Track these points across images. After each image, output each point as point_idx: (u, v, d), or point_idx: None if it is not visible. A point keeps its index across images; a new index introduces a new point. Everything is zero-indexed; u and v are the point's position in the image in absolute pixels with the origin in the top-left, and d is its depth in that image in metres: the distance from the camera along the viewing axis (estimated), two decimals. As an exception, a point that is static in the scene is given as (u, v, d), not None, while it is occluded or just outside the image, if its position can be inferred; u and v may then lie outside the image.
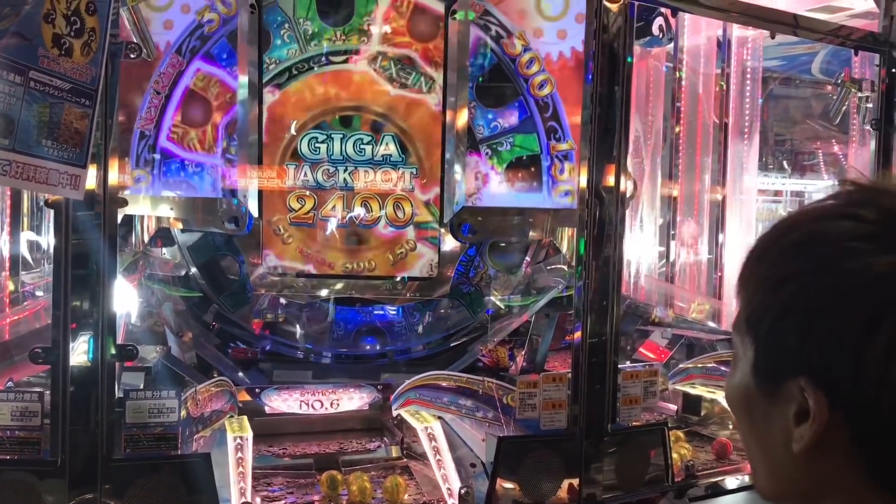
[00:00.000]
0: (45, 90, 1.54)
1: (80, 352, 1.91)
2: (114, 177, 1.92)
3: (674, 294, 4.67)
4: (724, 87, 4.51)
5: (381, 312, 3.71)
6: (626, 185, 2.37)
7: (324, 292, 3.55)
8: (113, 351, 1.93)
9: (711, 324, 4.35)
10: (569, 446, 2.29)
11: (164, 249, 3.68)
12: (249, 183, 3.37)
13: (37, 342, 2.11)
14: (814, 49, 6.23)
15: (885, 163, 2.91)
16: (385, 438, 2.76)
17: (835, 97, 3.24)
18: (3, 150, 1.47)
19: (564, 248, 3.60)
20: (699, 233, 4.69)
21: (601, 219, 2.30)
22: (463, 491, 2.19)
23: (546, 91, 3.42)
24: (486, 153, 3.44)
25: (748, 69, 4.65)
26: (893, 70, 2.85)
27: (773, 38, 2.85)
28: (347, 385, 2.76)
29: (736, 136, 4.62)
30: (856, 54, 3.14)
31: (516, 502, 2.27)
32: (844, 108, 3.17)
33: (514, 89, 3.43)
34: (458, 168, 3.37)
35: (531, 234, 3.49)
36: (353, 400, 2.71)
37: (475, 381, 2.47)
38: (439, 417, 2.52)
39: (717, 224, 4.69)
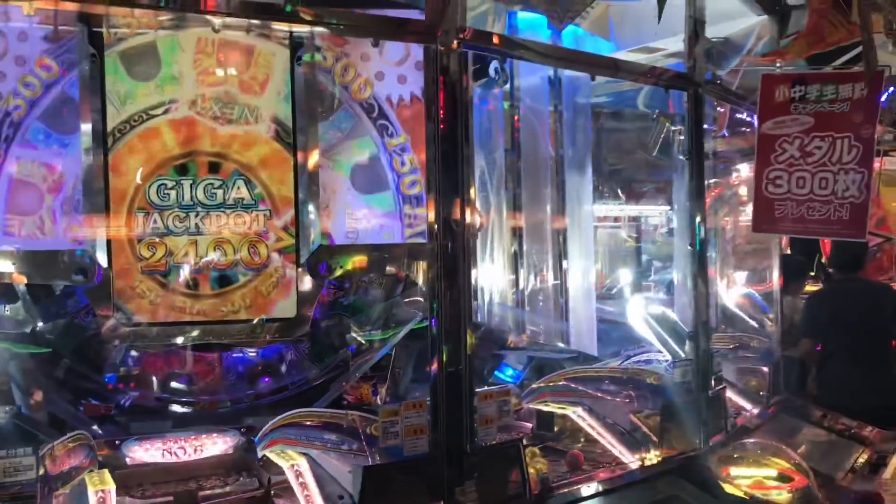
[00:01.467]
0: None
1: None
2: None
3: (525, 319, 4.91)
4: (558, 122, 4.82)
5: (241, 355, 3.70)
6: (474, 218, 2.53)
7: (179, 340, 3.52)
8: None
9: (560, 344, 4.61)
10: (432, 469, 2.40)
11: (7, 306, 3.54)
12: (97, 233, 3.32)
13: None
14: (638, 85, 6.75)
15: (699, 188, 3.24)
16: (243, 473, 2.77)
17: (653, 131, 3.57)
18: None
19: (420, 281, 3.75)
20: (545, 260, 4.97)
21: (451, 252, 2.45)
22: (332, 523, 2.25)
23: (367, 93, 3.56)
24: (329, 165, 3.54)
25: (581, 105, 5.00)
26: (699, 105, 3.19)
27: (593, 79, 3.12)
28: (210, 431, 2.76)
29: (572, 168, 4.94)
30: (666, 92, 3.48)
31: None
32: (661, 139, 3.50)
33: (339, 99, 3.55)
34: (311, 208, 3.46)
35: (388, 269, 3.62)
36: (216, 444, 2.72)
37: (339, 415, 2.54)
38: (305, 454, 2.57)
39: (560, 251, 4.98)
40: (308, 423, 2.59)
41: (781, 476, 3.15)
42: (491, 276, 4.88)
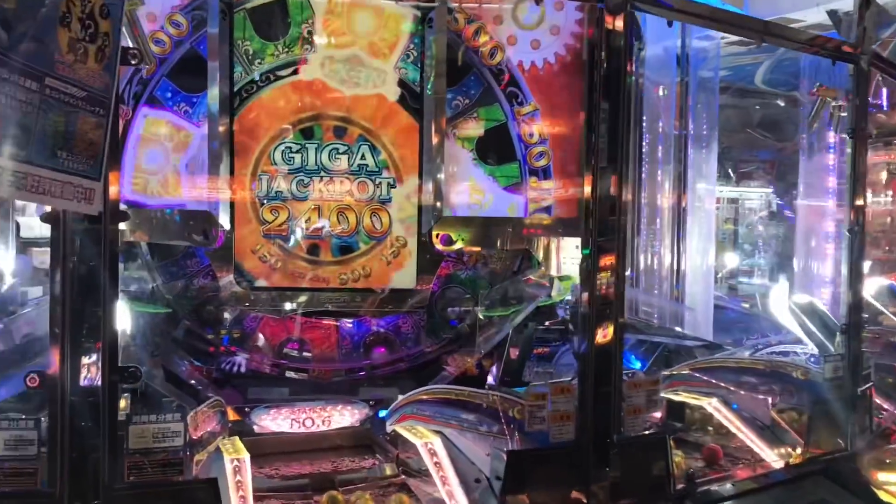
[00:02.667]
0: (60, 98, 1.44)
1: (79, 375, 1.80)
2: (114, 190, 1.82)
3: (639, 300, 4.71)
4: (683, 96, 4.58)
5: (357, 325, 3.63)
6: (626, 194, 2.37)
7: (297, 306, 3.47)
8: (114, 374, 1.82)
9: (678, 329, 4.40)
10: (576, 458, 2.27)
11: (128, 265, 3.53)
12: (220, 195, 3.27)
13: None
14: (758, 60, 6.41)
15: (861, 169, 2.99)
16: (378, 456, 2.69)
17: (812, 107, 3.32)
18: (19, 162, 1.37)
19: (541, 257, 3.60)
20: (661, 239, 4.75)
21: (604, 228, 2.29)
22: (474, 507, 2.14)
23: (498, 58, 3.40)
24: (455, 133, 3.41)
25: (706, 79, 4.74)
26: (865, 79, 2.93)
27: (758, 46, 2.89)
28: (338, 401, 2.69)
29: (696, 145, 4.70)
30: (833, 64, 3.22)
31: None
32: (820, 115, 3.26)
33: (466, 64, 3.40)
34: (435, 177, 3.34)
35: (510, 243, 3.48)
36: (344, 417, 2.64)
37: (479, 395, 2.42)
38: (438, 432, 2.47)
39: (678, 230, 4.75)
40: (443, 397, 2.48)
41: (939, 485, 2.92)
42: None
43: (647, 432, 2.43)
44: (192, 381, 3.36)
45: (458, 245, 3.44)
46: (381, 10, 3.36)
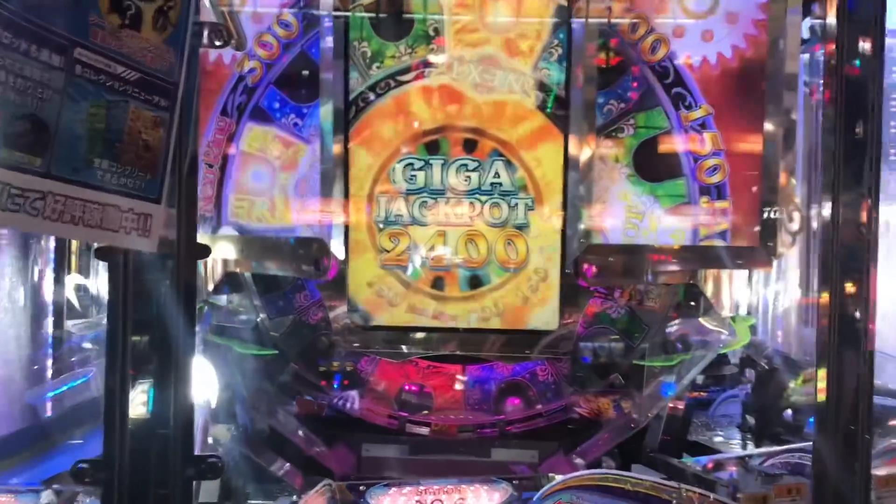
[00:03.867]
0: (98, 80, 0.97)
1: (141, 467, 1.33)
2: (193, 213, 1.35)
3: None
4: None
5: (487, 371, 3.10)
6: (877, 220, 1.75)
7: (419, 348, 2.97)
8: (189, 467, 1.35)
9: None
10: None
11: (230, 298, 3.13)
12: (333, 219, 2.83)
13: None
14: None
15: None
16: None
17: None
18: (32, 174, 0.90)
19: (709, 293, 2.97)
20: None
21: (851, 261, 1.68)
22: None
23: (661, 53, 2.80)
24: (608, 144, 2.83)
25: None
26: None
27: None
28: (474, 481, 2.15)
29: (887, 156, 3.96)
30: None
31: None
32: None
33: (626, 62, 2.81)
34: (582, 197, 2.78)
35: (674, 276, 2.88)
36: (481, 499, 2.10)
37: (664, 487, 1.83)
38: (605, 529, 1.90)
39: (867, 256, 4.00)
40: (613, 488, 1.90)
41: None
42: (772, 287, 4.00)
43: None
44: (299, 435, 2.91)
45: (610, 279, 2.87)
46: (520, 1, 2.85)
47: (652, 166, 2.84)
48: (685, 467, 2.35)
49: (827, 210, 1.78)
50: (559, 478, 1.99)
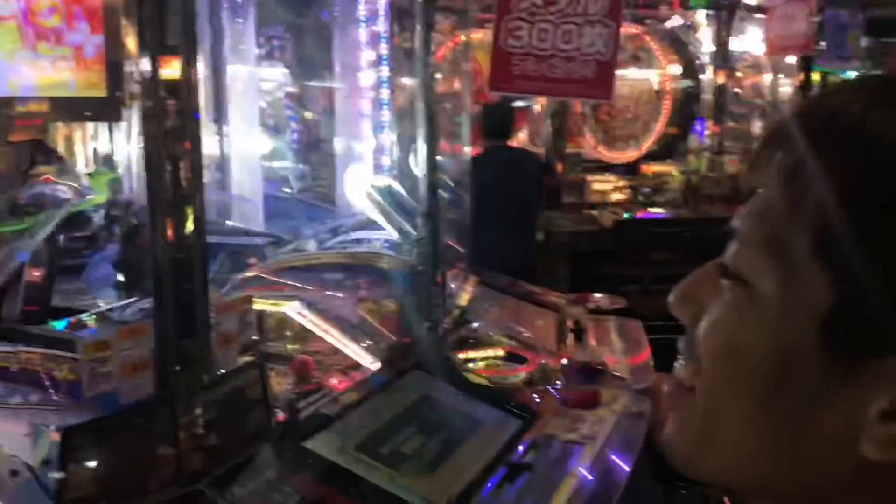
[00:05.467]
0: None
1: None
2: None
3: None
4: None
5: None
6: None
7: None
8: None
9: (230, 223, 3.92)
10: (161, 415, 1.70)
11: None
12: None
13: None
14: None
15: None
16: None
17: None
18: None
19: (62, 148, 2.78)
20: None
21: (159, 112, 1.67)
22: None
23: None
24: None
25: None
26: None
27: None
28: None
29: (231, 15, 4.13)
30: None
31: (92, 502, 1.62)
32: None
33: None
34: None
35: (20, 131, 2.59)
36: None
37: (2, 355, 1.67)
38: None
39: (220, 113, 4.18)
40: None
41: (512, 355, 2.98)
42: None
43: (241, 361, 1.94)
44: None
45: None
46: None
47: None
48: (43, 332, 2.21)
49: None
50: None
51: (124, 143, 3.79)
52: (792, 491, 0.60)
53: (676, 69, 7.71)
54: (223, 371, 1.86)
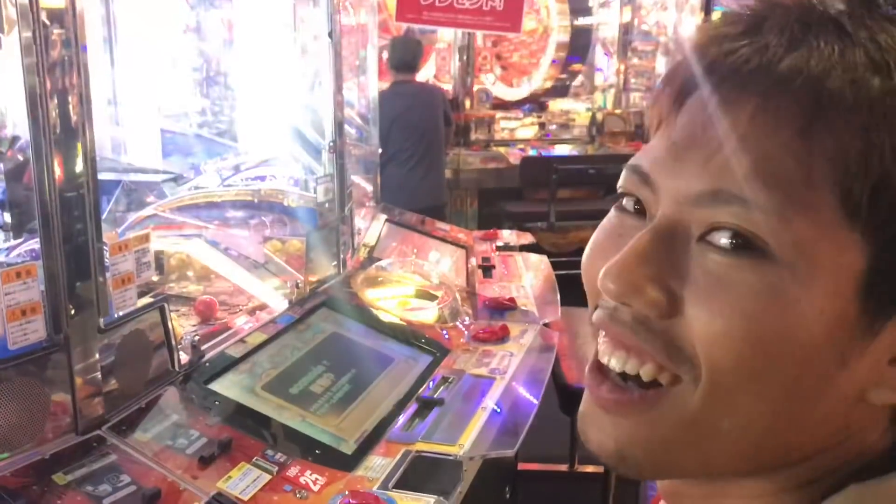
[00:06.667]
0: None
1: None
2: None
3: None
4: None
5: None
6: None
7: None
8: None
9: (124, 160, 3.73)
10: (54, 361, 1.62)
11: None
12: None
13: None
14: None
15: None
16: None
17: None
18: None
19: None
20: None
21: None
22: None
23: None
24: None
25: None
26: None
27: None
28: None
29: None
30: None
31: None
32: None
33: None
34: None
35: None
36: None
37: None
38: None
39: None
40: None
41: (421, 293, 2.97)
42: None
43: (139, 304, 1.87)
44: None
45: None
46: None
47: None
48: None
49: None
50: None
51: (6, 75, 3.55)
52: (780, 461, 0.56)
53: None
54: (120, 313, 1.78)
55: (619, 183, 0.61)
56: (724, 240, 0.52)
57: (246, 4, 4.46)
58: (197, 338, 2.06)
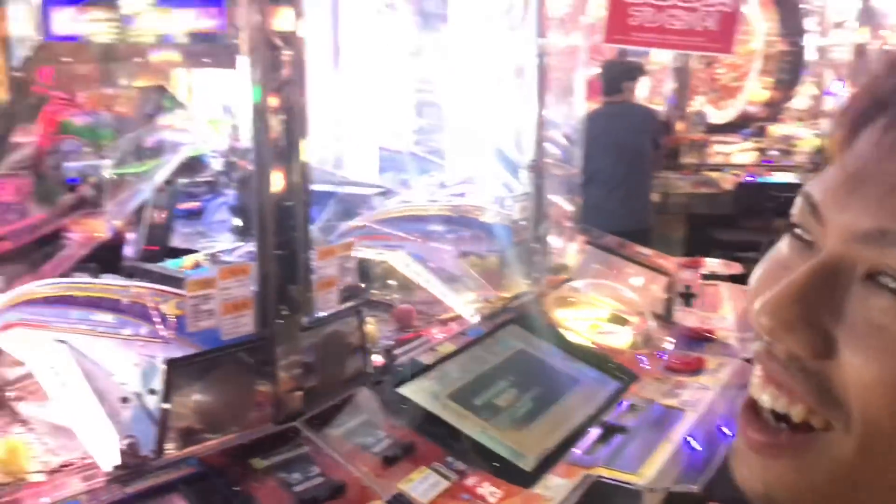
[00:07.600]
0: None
1: None
2: None
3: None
4: None
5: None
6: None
7: None
8: None
9: (340, 173, 3.99)
10: (261, 354, 1.77)
11: None
12: None
13: None
14: None
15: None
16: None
17: None
18: None
19: (183, 94, 2.88)
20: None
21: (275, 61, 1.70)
22: (125, 444, 1.55)
23: None
24: None
25: None
26: None
27: None
28: None
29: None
30: None
31: (193, 432, 1.70)
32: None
33: None
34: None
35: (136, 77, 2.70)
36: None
37: (114, 289, 1.77)
38: (63, 342, 1.80)
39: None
40: (66, 297, 1.79)
41: (615, 317, 2.92)
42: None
43: (342, 307, 1.99)
44: None
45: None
46: None
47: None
48: (158, 269, 2.33)
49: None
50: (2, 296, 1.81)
51: (241, 92, 3.91)
52: None
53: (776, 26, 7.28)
54: (322, 314, 1.90)
55: (792, 209, 0.57)
56: (891, 283, 0.48)
57: (460, 28, 4.61)
58: (391, 343, 2.16)
